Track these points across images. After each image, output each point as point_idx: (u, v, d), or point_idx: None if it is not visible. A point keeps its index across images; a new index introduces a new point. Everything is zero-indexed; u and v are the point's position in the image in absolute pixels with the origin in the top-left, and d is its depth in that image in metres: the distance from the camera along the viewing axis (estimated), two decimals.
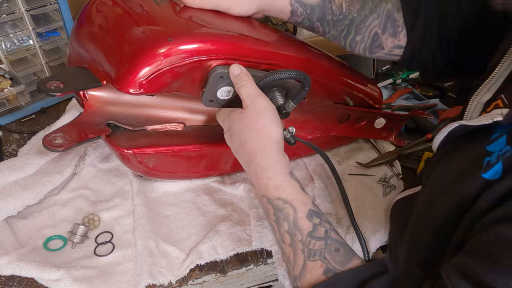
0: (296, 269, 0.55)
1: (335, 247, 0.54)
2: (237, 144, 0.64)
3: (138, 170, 0.74)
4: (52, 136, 0.63)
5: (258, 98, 0.63)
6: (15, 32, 0.89)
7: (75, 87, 0.65)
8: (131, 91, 0.60)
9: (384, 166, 0.95)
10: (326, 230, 0.56)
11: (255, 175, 0.61)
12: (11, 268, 0.67)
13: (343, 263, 0.53)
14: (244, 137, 0.63)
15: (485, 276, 0.39)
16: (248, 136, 0.62)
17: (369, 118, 0.93)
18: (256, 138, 0.62)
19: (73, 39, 0.70)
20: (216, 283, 0.76)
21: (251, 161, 0.62)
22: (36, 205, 0.78)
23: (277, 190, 0.59)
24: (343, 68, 0.83)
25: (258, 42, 0.69)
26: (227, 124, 0.67)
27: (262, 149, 0.61)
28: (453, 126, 0.55)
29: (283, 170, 0.61)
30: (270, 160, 0.61)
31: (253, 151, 0.61)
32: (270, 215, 0.59)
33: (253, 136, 0.62)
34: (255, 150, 0.61)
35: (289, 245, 0.57)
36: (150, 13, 0.66)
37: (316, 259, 0.54)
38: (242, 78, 0.63)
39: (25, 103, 0.95)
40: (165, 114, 0.78)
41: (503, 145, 0.48)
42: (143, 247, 0.72)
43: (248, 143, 0.62)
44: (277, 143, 0.63)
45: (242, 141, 0.63)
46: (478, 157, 0.49)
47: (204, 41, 0.62)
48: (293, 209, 0.57)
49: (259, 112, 0.62)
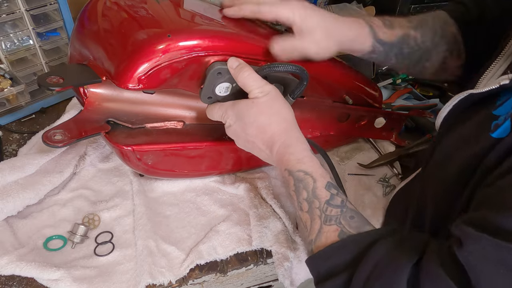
0: (312, 234, 0.58)
1: (350, 215, 0.57)
2: (254, 132, 0.66)
3: (138, 168, 0.73)
4: (51, 132, 0.64)
5: (266, 85, 0.65)
6: (15, 32, 0.89)
7: (74, 83, 0.65)
8: (130, 86, 0.61)
9: (384, 167, 0.95)
10: (343, 200, 0.58)
11: (278, 155, 0.64)
12: (11, 268, 0.66)
13: (357, 228, 0.55)
14: (262, 123, 0.65)
15: (503, 223, 0.39)
16: (267, 122, 0.64)
17: (369, 118, 0.93)
18: (276, 122, 0.65)
19: (74, 38, 0.71)
20: (216, 283, 0.76)
21: (274, 144, 0.64)
22: (36, 205, 0.77)
23: (298, 163, 0.62)
24: (342, 67, 0.83)
25: (257, 39, 0.69)
26: (232, 116, 0.68)
27: (284, 131, 0.65)
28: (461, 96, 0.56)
29: (304, 146, 0.64)
30: (292, 139, 0.64)
31: (275, 134, 0.64)
32: (290, 185, 0.62)
33: (272, 121, 0.64)
34: (277, 133, 0.64)
35: (307, 212, 0.59)
36: (149, 10, 0.66)
37: (332, 224, 0.56)
38: (243, 68, 0.64)
39: (25, 103, 0.95)
40: (164, 112, 0.78)
41: (510, 108, 0.49)
42: (143, 247, 0.72)
43: (268, 128, 0.64)
44: (294, 123, 0.67)
45: (260, 127, 0.65)
46: (485, 121, 0.50)
47: (203, 37, 0.62)
48: (312, 179, 0.60)
49: (273, 98, 0.65)
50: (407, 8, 1.19)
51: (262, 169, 0.90)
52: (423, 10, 1.21)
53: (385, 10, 1.20)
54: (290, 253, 0.74)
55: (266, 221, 0.77)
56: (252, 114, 0.65)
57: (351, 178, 0.92)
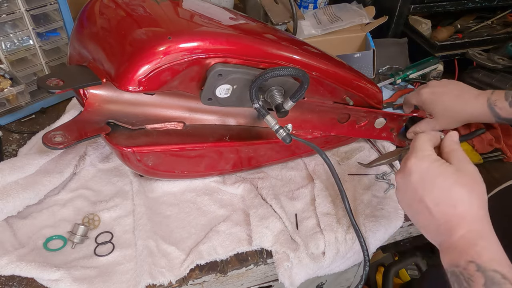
0: None
1: None
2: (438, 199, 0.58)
3: (138, 169, 0.74)
4: (52, 134, 0.64)
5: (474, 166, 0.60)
6: (15, 32, 0.89)
7: (74, 85, 0.65)
8: (130, 88, 0.61)
9: (384, 166, 0.95)
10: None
11: (463, 241, 0.56)
12: (11, 268, 0.67)
13: None
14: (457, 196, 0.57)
15: None
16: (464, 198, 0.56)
17: (369, 118, 0.93)
18: (475, 205, 0.56)
19: (74, 39, 0.71)
20: (216, 283, 0.76)
21: (460, 226, 0.56)
22: (36, 205, 0.77)
23: (494, 262, 0.53)
24: (342, 68, 0.83)
25: (258, 41, 0.69)
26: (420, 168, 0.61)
27: (480, 218, 0.56)
28: None
29: (499, 245, 0.55)
30: (487, 231, 0.56)
31: (468, 217, 0.56)
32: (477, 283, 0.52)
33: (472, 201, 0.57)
34: (470, 216, 0.56)
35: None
36: (150, 11, 0.66)
37: None
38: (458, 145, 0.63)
39: (25, 103, 0.95)
40: (164, 113, 0.78)
41: None
42: (143, 247, 0.72)
43: (462, 205, 0.56)
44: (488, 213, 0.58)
45: (452, 199, 0.57)
46: None
47: (203, 39, 0.62)
48: None
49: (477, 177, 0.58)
50: (407, 8, 1.19)
51: (263, 169, 0.90)
52: (423, 10, 1.21)
53: (385, 10, 1.20)
54: (290, 253, 0.74)
55: (266, 221, 0.77)
56: (450, 180, 0.57)
57: (351, 178, 0.92)
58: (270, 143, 0.83)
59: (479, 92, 0.91)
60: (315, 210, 0.83)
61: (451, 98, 0.92)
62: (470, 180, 0.58)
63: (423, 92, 0.96)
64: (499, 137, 0.97)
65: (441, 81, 0.98)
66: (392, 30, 1.25)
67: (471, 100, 0.90)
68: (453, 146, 0.62)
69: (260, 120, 0.87)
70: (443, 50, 1.22)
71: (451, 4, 1.21)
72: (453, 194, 0.57)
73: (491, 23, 1.32)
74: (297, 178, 0.91)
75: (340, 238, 0.78)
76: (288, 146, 0.85)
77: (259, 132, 0.86)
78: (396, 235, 0.88)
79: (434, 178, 0.58)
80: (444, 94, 0.93)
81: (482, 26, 1.30)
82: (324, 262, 0.76)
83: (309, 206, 0.85)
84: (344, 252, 0.78)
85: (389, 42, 1.24)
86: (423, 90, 0.96)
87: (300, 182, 0.90)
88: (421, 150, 0.62)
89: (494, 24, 1.32)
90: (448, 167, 0.59)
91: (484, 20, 1.32)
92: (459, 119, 0.93)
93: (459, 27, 1.28)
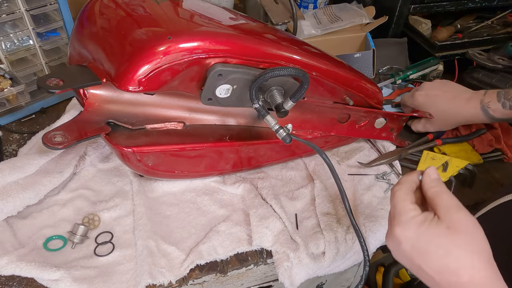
0: None
1: None
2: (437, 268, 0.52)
3: (138, 169, 0.74)
4: (51, 134, 0.64)
5: (466, 211, 0.53)
6: (15, 32, 0.89)
7: (74, 85, 0.65)
8: (130, 89, 0.61)
9: (384, 166, 0.95)
10: None
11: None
12: (11, 268, 0.66)
13: None
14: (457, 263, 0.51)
15: None
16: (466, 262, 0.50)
17: (369, 118, 0.93)
18: (478, 266, 0.50)
19: (74, 39, 0.71)
20: (216, 283, 0.76)
21: None
22: (36, 205, 0.77)
23: None
24: (342, 68, 0.83)
25: (257, 41, 0.69)
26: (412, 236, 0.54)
27: (489, 280, 0.50)
28: None
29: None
30: None
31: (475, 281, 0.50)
32: None
33: (474, 262, 0.50)
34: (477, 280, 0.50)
35: None
36: (150, 11, 0.66)
37: None
38: (441, 183, 0.57)
39: (25, 103, 0.95)
40: (164, 113, 0.78)
41: None
42: (143, 247, 0.72)
43: (464, 271, 0.50)
44: (495, 268, 0.51)
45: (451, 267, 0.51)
46: None
47: (203, 39, 0.62)
48: None
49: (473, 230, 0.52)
50: (407, 8, 1.19)
51: (263, 169, 0.90)
52: (423, 10, 1.21)
53: (385, 10, 1.20)
54: (290, 253, 0.74)
55: (266, 221, 0.77)
56: (445, 245, 0.51)
57: (351, 178, 0.92)
58: (270, 143, 0.83)
59: (471, 94, 0.92)
60: (315, 210, 0.84)
61: (444, 101, 0.94)
62: (466, 237, 0.51)
63: (417, 95, 0.97)
64: (499, 137, 0.97)
65: (434, 83, 0.99)
66: (392, 30, 1.25)
67: (464, 104, 0.91)
68: (434, 187, 0.56)
69: (260, 120, 0.87)
70: (443, 50, 1.22)
71: (451, 4, 1.21)
72: (453, 261, 0.51)
73: (491, 23, 1.32)
74: (297, 178, 0.91)
75: (340, 238, 0.78)
76: (288, 146, 0.85)
77: (259, 132, 0.86)
78: None
79: (426, 246, 0.52)
80: (437, 96, 0.95)
81: (482, 26, 1.30)
82: (324, 262, 0.76)
83: (309, 206, 0.85)
84: (344, 252, 0.78)
85: (389, 42, 1.24)
86: (417, 93, 0.97)
87: (300, 182, 0.90)
88: (403, 213, 0.55)
89: (494, 24, 1.32)
90: (437, 227, 0.52)
91: (484, 20, 1.32)
92: (454, 122, 0.96)
93: (459, 27, 1.28)
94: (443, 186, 0.57)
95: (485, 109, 0.88)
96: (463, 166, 0.91)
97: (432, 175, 0.58)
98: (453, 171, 0.90)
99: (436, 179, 0.57)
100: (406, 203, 0.56)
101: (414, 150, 0.96)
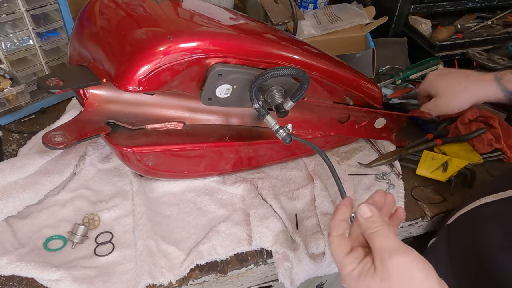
0: None
1: None
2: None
3: (138, 169, 0.74)
4: (51, 134, 0.64)
5: (401, 252, 0.50)
6: (15, 32, 0.89)
7: (74, 85, 0.65)
8: (130, 89, 0.61)
9: (384, 166, 0.95)
10: None
11: None
12: (11, 268, 0.66)
13: None
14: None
15: None
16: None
17: (369, 118, 0.93)
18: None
19: (74, 39, 0.71)
20: (216, 283, 0.76)
21: None
22: (36, 205, 0.77)
23: None
24: (342, 68, 0.83)
25: (257, 41, 0.69)
26: None
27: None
28: None
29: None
30: None
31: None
32: None
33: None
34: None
35: None
36: (150, 11, 0.66)
37: None
38: (375, 222, 0.53)
39: (25, 103, 0.95)
40: (165, 113, 0.78)
41: None
42: (143, 247, 0.72)
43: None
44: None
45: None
46: None
47: (203, 39, 0.62)
48: None
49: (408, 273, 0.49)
50: (407, 8, 1.19)
51: (263, 169, 0.90)
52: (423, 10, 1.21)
53: (385, 10, 1.20)
54: (290, 253, 0.74)
55: (266, 221, 0.77)
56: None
57: (351, 178, 0.92)
58: (270, 143, 0.83)
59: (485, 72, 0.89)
60: (315, 210, 0.84)
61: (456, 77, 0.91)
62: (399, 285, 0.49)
63: (429, 74, 0.95)
64: (499, 137, 0.97)
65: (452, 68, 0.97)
66: (392, 30, 1.25)
67: (477, 76, 0.88)
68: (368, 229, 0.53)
69: (260, 120, 0.87)
70: (443, 50, 1.22)
71: (451, 4, 1.21)
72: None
73: (491, 23, 1.32)
74: (297, 178, 0.91)
75: None
76: (288, 146, 0.85)
77: (259, 132, 0.86)
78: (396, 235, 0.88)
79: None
80: (450, 73, 0.92)
81: (482, 26, 1.30)
82: (324, 262, 0.76)
83: (309, 206, 0.85)
84: None
85: (389, 41, 1.24)
86: (430, 73, 0.95)
87: (300, 182, 0.90)
88: (340, 267, 0.54)
89: (494, 24, 1.32)
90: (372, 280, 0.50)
91: (484, 20, 1.32)
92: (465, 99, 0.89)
93: (459, 27, 1.28)
94: (377, 223, 0.53)
95: (499, 81, 0.85)
96: (463, 166, 0.91)
97: (364, 215, 0.54)
98: (453, 171, 0.90)
99: (369, 218, 0.54)
100: (339, 257, 0.54)
101: (414, 150, 0.96)
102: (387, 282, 0.49)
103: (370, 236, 0.53)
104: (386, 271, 0.49)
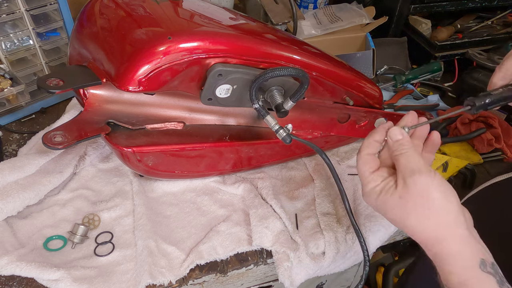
0: None
1: None
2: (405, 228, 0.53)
3: (138, 169, 0.74)
4: (52, 134, 0.64)
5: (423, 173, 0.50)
6: (15, 32, 0.89)
7: (74, 85, 0.65)
8: (130, 88, 0.61)
9: None
10: None
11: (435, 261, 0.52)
12: (11, 268, 0.66)
13: None
14: (412, 228, 0.52)
15: None
16: (418, 228, 0.51)
17: (369, 118, 0.93)
18: (429, 228, 0.50)
19: (74, 39, 0.71)
20: (216, 283, 0.76)
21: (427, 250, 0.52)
22: (36, 205, 0.78)
23: (462, 285, 0.49)
24: (342, 68, 0.83)
25: (258, 41, 0.69)
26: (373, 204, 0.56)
27: (437, 240, 0.50)
28: None
29: (467, 264, 0.49)
30: (449, 254, 0.50)
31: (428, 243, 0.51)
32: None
33: (424, 227, 0.50)
34: (430, 242, 0.51)
35: None
36: (150, 11, 0.66)
37: None
38: (403, 144, 0.54)
39: (25, 103, 0.95)
40: (164, 113, 0.78)
41: None
42: (143, 247, 0.72)
43: (418, 235, 0.51)
44: (456, 225, 0.50)
45: (409, 231, 0.52)
46: None
47: (203, 39, 0.62)
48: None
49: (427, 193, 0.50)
50: (407, 8, 1.19)
51: (263, 169, 0.90)
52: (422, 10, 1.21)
53: (385, 10, 1.20)
54: (290, 253, 0.74)
55: (266, 221, 0.77)
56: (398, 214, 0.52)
57: (351, 178, 0.92)
58: (270, 143, 0.83)
59: None
60: (315, 210, 0.84)
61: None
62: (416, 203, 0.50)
63: None
64: (499, 137, 0.97)
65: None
66: (392, 30, 1.25)
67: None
68: (395, 151, 0.54)
69: (260, 120, 0.87)
70: (443, 50, 1.22)
71: (451, 4, 1.21)
72: (408, 228, 0.52)
73: (491, 23, 1.32)
74: (297, 178, 0.91)
75: (340, 238, 0.78)
76: (288, 146, 0.85)
77: (259, 132, 0.86)
78: (396, 235, 0.88)
79: (385, 214, 0.54)
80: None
81: (482, 26, 1.31)
82: (324, 262, 0.76)
83: (309, 206, 0.85)
84: (344, 252, 0.78)
85: (389, 41, 1.24)
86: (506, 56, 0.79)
87: (300, 182, 0.90)
88: (364, 184, 0.56)
89: (494, 24, 1.32)
90: (391, 198, 0.52)
91: (484, 20, 1.33)
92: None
93: (459, 27, 1.29)
94: (404, 146, 0.54)
95: None
96: (463, 166, 0.91)
97: (393, 137, 0.55)
98: (453, 171, 0.90)
99: (398, 141, 0.54)
100: (365, 174, 0.56)
101: None
102: (404, 200, 0.50)
103: (396, 158, 0.54)
104: (405, 189, 0.51)
